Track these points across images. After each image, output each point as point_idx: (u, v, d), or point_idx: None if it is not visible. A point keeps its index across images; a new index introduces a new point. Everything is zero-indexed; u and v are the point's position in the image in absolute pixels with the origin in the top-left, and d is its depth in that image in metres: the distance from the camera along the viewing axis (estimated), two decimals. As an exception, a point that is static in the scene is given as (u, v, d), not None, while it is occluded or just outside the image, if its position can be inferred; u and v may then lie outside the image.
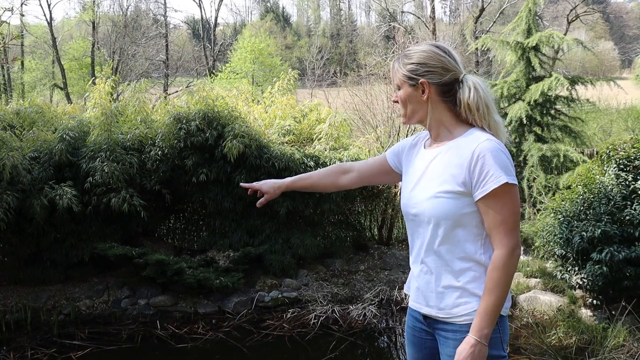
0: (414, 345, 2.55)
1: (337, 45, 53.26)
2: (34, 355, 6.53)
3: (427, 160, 2.34)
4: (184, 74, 39.10)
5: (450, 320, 2.27)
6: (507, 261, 2.11)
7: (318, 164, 8.49)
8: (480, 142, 2.14)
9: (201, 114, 8.25)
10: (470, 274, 2.22)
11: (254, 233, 8.65)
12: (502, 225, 2.12)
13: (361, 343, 6.94)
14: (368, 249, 9.85)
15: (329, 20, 69.20)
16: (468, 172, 2.14)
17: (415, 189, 2.35)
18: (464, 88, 2.22)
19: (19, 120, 8.67)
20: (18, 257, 8.07)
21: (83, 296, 8.05)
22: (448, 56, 2.26)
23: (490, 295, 2.12)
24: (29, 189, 7.54)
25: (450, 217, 2.20)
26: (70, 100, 27.86)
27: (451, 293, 2.25)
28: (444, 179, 2.21)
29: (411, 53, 2.30)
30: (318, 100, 10.90)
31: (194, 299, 7.95)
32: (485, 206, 2.14)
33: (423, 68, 2.24)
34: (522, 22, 10.90)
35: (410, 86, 2.29)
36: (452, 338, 2.27)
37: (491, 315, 2.12)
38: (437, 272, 2.30)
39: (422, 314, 2.42)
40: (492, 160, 2.10)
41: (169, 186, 8.42)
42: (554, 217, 7.17)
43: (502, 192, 2.10)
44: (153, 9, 41.84)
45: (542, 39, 10.36)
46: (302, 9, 74.80)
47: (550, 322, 6.87)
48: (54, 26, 31.74)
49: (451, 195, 2.19)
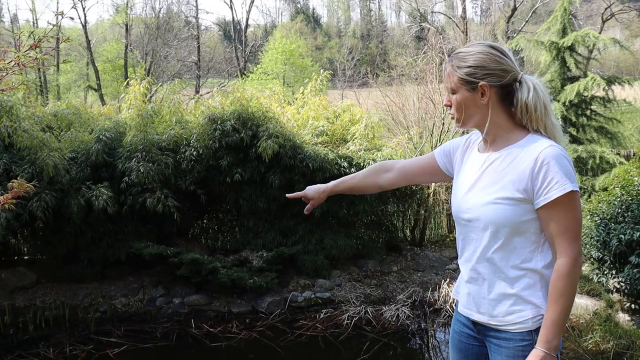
0: (459, 350, 2.48)
1: (368, 46, 53.06)
2: (72, 352, 6.65)
3: (482, 164, 2.27)
4: (216, 75, 39.30)
5: (503, 328, 2.21)
6: (571, 269, 2.04)
7: (352, 165, 8.50)
8: (543, 149, 2.07)
9: (236, 115, 8.31)
10: (525, 281, 2.16)
11: (287, 233, 8.68)
12: (566, 233, 2.06)
13: (394, 344, 6.92)
14: (401, 250, 9.83)
15: (359, 21, 68.96)
16: (530, 179, 2.08)
17: (469, 194, 2.29)
18: (522, 88, 2.15)
19: (57, 122, 8.82)
20: (56, 256, 8.23)
21: (119, 294, 8.17)
22: (505, 57, 2.18)
23: (557, 305, 2.05)
24: (67, 189, 7.68)
25: (508, 224, 2.14)
26: (104, 101, 28.24)
27: (505, 301, 2.19)
28: (502, 185, 2.15)
29: (466, 55, 2.21)
30: (350, 101, 10.89)
31: (228, 299, 8.01)
32: (547, 214, 2.07)
33: (482, 71, 2.16)
34: (556, 22, 10.76)
35: (468, 90, 2.20)
36: (504, 346, 2.22)
37: (558, 326, 2.05)
38: (490, 279, 2.24)
39: (472, 320, 2.36)
40: (556, 167, 2.04)
41: (204, 186, 8.50)
42: (591, 219, 7.07)
43: (567, 200, 2.03)
44: (185, 11, 42.21)
45: (578, 39, 10.22)
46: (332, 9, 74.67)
47: (587, 326, 6.77)
48: (88, 29, 32.21)
49: (510, 202, 2.12)
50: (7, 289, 8.14)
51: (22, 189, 3.31)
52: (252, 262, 8.23)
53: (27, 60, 3.29)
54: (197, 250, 8.46)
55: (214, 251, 8.96)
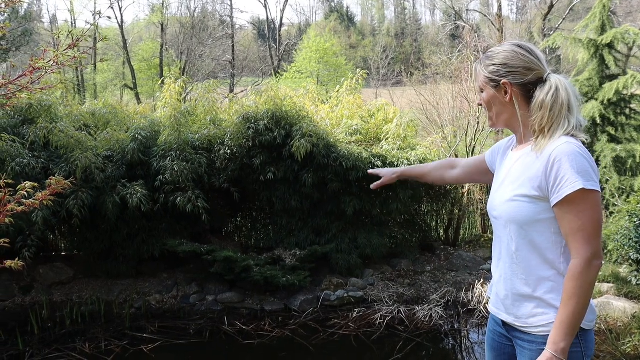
0: (493, 349, 2.48)
1: (402, 45, 52.81)
2: (107, 347, 6.74)
3: (512, 162, 2.29)
4: (250, 74, 39.51)
5: (526, 330, 2.21)
6: (583, 271, 2.00)
7: (385, 164, 8.47)
8: (558, 146, 2.05)
9: (269, 114, 8.34)
10: (548, 284, 2.14)
11: (320, 232, 8.69)
12: (579, 232, 2.02)
13: (427, 344, 6.87)
14: (434, 250, 9.76)
15: (393, 19, 68.76)
16: (545, 177, 2.06)
17: (498, 192, 2.30)
18: (544, 87, 2.14)
19: (94, 120, 8.95)
20: (93, 252, 8.38)
21: (153, 291, 8.27)
22: (531, 55, 2.18)
23: (566, 307, 2.02)
24: (103, 187, 7.79)
25: (525, 222, 2.13)
26: (140, 100, 28.62)
27: (528, 303, 2.19)
28: (521, 182, 2.15)
29: (493, 54, 2.25)
30: (385, 100, 10.85)
31: (261, 297, 8.05)
32: (561, 212, 2.05)
33: (504, 69, 2.19)
34: (595, 19, 10.56)
35: (492, 88, 2.23)
36: (527, 348, 2.21)
37: (568, 328, 2.02)
38: (513, 279, 2.24)
39: (501, 319, 2.37)
40: (568, 164, 2.01)
41: (237, 184, 8.55)
42: (629, 220, 6.93)
43: (579, 198, 2.00)
44: (219, 10, 42.49)
45: (617, 36, 10.01)
46: (366, 8, 74.54)
47: (625, 330, 6.63)
48: (124, 29, 32.66)
49: (527, 200, 2.12)
50: (45, 284, 8.31)
51: (59, 185, 3.36)
52: (285, 260, 8.25)
53: (65, 59, 3.35)
54: (230, 248, 8.52)
55: (248, 249, 9.01)
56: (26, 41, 23.90)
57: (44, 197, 3.31)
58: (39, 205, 3.31)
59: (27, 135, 7.71)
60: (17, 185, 3.25)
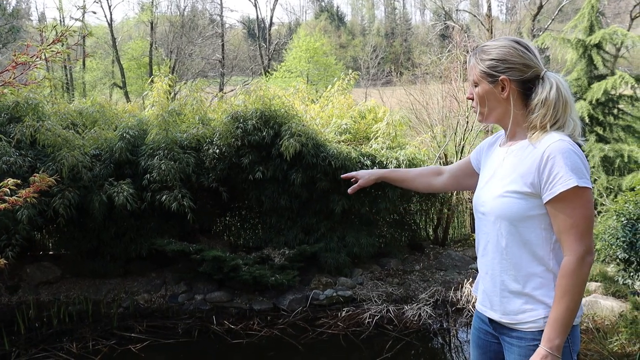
0: (479, 347, 2.47)
1: (392, 44, 52.87)
2: (95, 346, 6.69)
3: (500, 158, 2.28)
4: (240, 73, 39.43)
5: (515, 327, 2.20)
6: (576, 268, 2.01)
7: (374, 163, 8.47)
8: (551, 143, 2.05)
9: (258, 113, 8.31)
10: (537, 280, 2.14)
11: (309, 231, 8.68)
12: (572, 230, 2.02)
13: (416, 343, 6.86)
14: (423, 249, 9.77)
15: (383, 19, 68.89)
16: (537, 174, 2.06)
17: (485, 187, 2.29)
18: (544, 85, 2.13)
19: (82, 119, 8.89)
20: (80, 251, 8.33)
21: (141, 290, 8.23)
22: (529, 52, 2.17)
23: (559, 304, 2.03)
24: (90, 186, 7.74)
25: (516, 218, 2.12)
26: (129, 98, 28.49)
27: (517, 299, 2.18)
28: (512, 178, 2.14)
29: (489, 48, 2.22)
30: (374, 100, 10.84)
31: (249, 296, 8.02)
32: (554, 210, 2.05)
33: (503, 64, 2.16)
34: (583, 19, 10.62)
35: (489, 83, 2.21)
36: (516, 345, 2.20)
37: (561, 325, 2.03)
38: (501, 276, 2.22)
39: (488, 317, 2.36)
40: (562, 161, 2.01)
41: (226, 184, 8.51)
42: (617, 219, 6.95)
43: (572, 195, 2.00)
44: (209, 9, 42.44)
45: (605, 36, 10.07)
46: (357, 8, 74.60)
47: (612, 328, 6.65)
48: (113, 27, 32.52)
49: (518, 196, 2.11)
50: (32, 284, 8.24)
51: (43, 183, 3.33)
52: (274, 259, 8.23)
53: (49, 54, 3.31)
54: (219, 247, 8.49)
55: (236, 248, 8.98)
56: (13, 38, 23.77)
57: (27, 194, 3.27)
58: (22, 203, 3.27)
59: (13, 133, 7.63)
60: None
